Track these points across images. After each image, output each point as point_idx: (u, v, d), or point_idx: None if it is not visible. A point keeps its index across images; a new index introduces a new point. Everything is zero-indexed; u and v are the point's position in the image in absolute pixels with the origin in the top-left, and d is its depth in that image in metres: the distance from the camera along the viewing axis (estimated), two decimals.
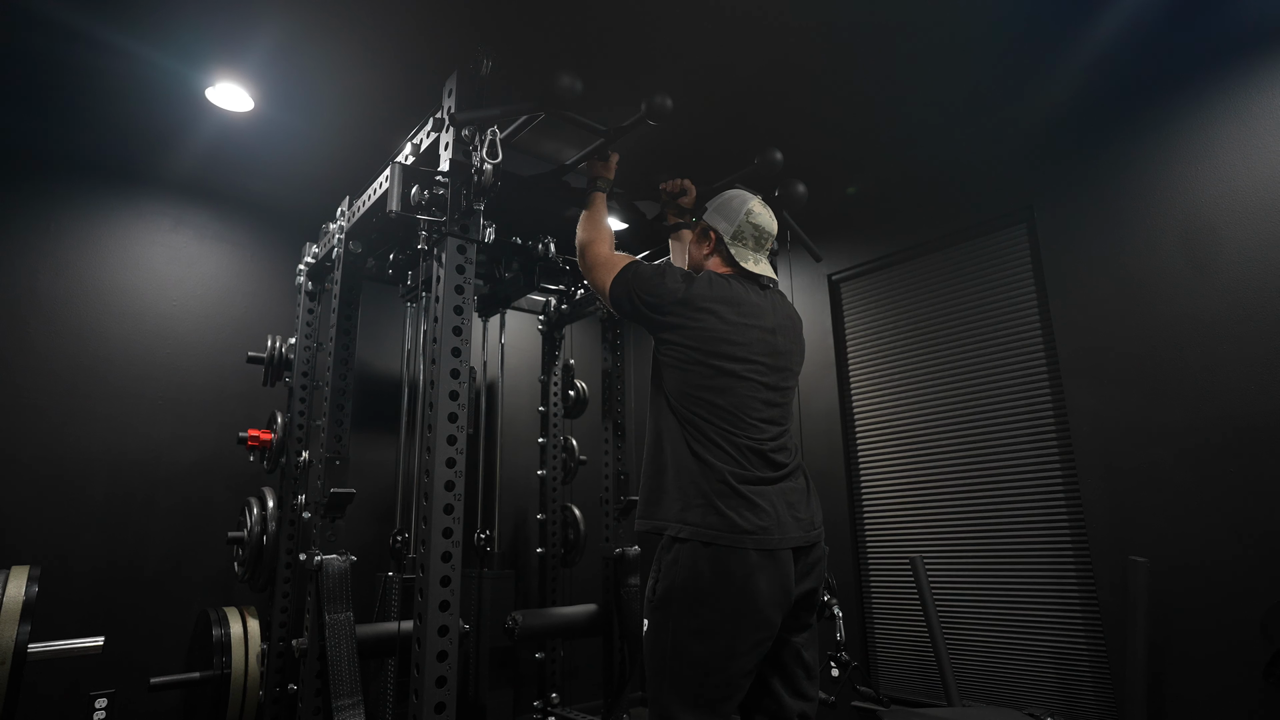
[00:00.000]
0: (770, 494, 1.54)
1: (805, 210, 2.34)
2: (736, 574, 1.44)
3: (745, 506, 1.49)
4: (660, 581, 1.51)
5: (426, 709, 1.47)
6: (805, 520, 1.60)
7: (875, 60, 2.53)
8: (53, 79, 2.55)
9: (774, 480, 1.57)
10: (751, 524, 1.48)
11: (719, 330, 1.61)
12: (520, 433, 3.83)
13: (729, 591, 1.44)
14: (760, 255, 1.79)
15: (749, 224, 1.77)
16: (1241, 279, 2.26)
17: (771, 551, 1.48)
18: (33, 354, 2.85)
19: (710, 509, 1.49)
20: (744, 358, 1.61)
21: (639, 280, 1.67)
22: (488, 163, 1.67)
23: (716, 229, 1.79)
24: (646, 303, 1.65)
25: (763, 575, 1.46)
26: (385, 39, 2.38)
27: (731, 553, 1.45)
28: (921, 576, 2.64)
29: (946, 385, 3.06)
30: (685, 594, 1.46)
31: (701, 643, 1.45)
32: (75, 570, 2.79)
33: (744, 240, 1.77)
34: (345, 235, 2.44)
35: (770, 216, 1.81)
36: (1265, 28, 2.28)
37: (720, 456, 1.54)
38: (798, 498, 1.61)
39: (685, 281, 1.65)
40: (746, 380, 1.60)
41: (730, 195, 1.84)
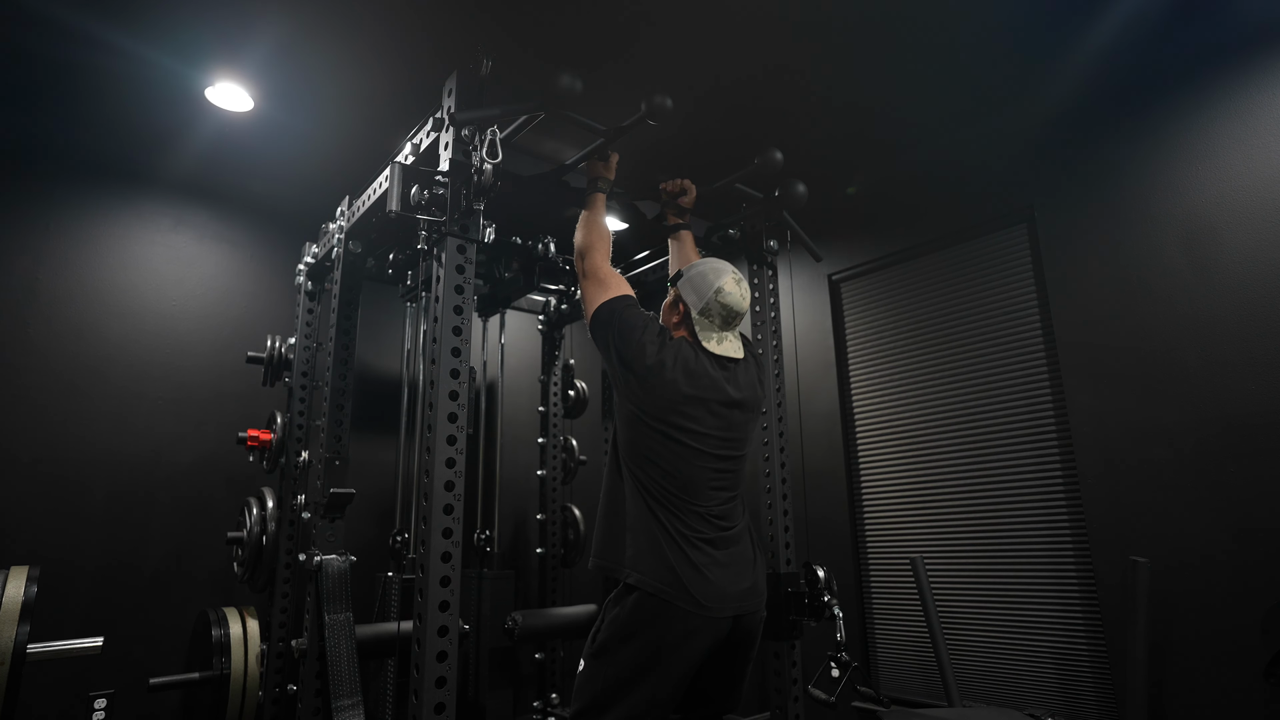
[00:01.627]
0: (717, 559, 1.60)
1: (805, 210, 2.35)
2: (670, 636, 1.51)
3: (691, 569, 1.54)
4: (602, 632, 1.59)
5: (426, 709, 1.47)
6: (749, 589, 1.64)
7: (875, 60, 2.53)
8: (53, 79, 2.54)
9: (721, 545, 1.62)
10: (696, 589, 1.53)
11: (675, 403, 1.62)
12: (520, 433, 3.82)
13: (662, 650, 1.51)
14: (726, 333, 1.75)
15: (717, 303, 1.71)
16: (1241, 279, 2.26)
17: (711, 620, 1.54)
18: (33, 354, 2.84)
19: (661, 564, 1.54)
20: (696, 430, 1.63)
21: (622, 329, 1.67)
22: (488, 163, 1.67)
23: (686, 301, 1.76)
24: (619, 355, 1.66)
25: (697, 642, 1.53)
26: (385, 39, 2.37)
27: (672, 611, 1.51)
28: (921, 576, 2.64)
29: (946, 385, 3.06)
30: (622, 648, 1.54)
31: (626, 695, 1.52)
32: (75, 570, 2.78)
33: (710, 317, 1.72)
34: (345, 235, 2.44)
35: (743, 294, 1.74)
36: (1265, 28, 2.28)
37: (670, 519, 1.59)
38: (743, 566, 1.65)
39: (657, 347, 1.65)
40: (697, 451, 1.63)
41: (704, 270, 1.77)
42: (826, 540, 3.32)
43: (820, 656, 2.24)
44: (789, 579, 2.14)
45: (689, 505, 1.61)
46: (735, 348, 1.76)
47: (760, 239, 2.39)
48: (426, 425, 1.66)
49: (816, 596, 2.07)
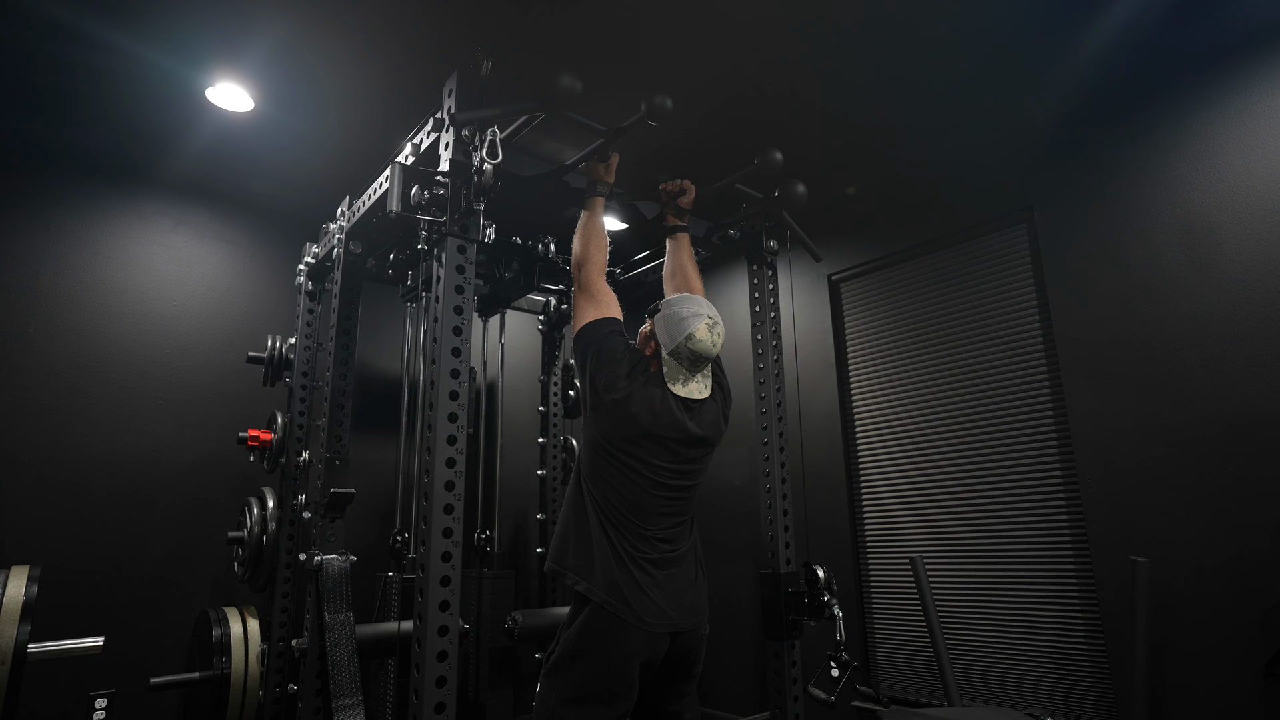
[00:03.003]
0: (658, 579, 1.68)
1: (805, 210, 2.35)
2: (616, 652, 1.62)
3: (634, 587, 1.64)
4: (555, 653, 1.69)
5: (426, 709, 1.47)
6: (688, 608, 1.72)
7: (875, 60, 2.53)
8: (53, 79, 2.54)
9: (663, 565, 1.70)
10: (639, 606, 1.63)
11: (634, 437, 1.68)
12: (520, 433, 3.82)
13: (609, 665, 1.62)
14: (695, 374, 1.77)
15: (686, 348, 1.73)
16: (1241, 279, 2.26)
17: (651, 636, 1.64)
18: (33, 354, 2.85)
19: (607, 578, 1.65)
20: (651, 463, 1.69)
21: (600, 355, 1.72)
22: (488, 163, 1.67)
23: (657, 339, 1.78)
24: (593, 379, 1.72)
25: (637, 656, 1.63)
26: (385, 39, 2.37)
27: (617, 625, 1.62)
28: (921, 576, 2.64)
29: (946, 385, 3.06)
30: (573, 666, 1.64)
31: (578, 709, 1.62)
32: (75, 570, 2.79)
33: (680, 360, 1.75)
34: (345, 235, 2.44)
35: (714, 340, 1.75)
36: (1265, 28, 2.28)
37: (619, 538, 1.68)
38: (683, 586, 1.73)
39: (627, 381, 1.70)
40: (651, 481, 1.70)
41: (681, 309, 1.77)
42: (826, 540, 3.33)
43: (820, 656, 2.24)
44: (789, 579, 2.14)
45: (637, 528, 1.69)
46: (701, 388, 1.78)
47: (760, 239, 2.39)
48: (427, 425, 1.66)
49: (816, 596, 2.07)
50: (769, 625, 2.13)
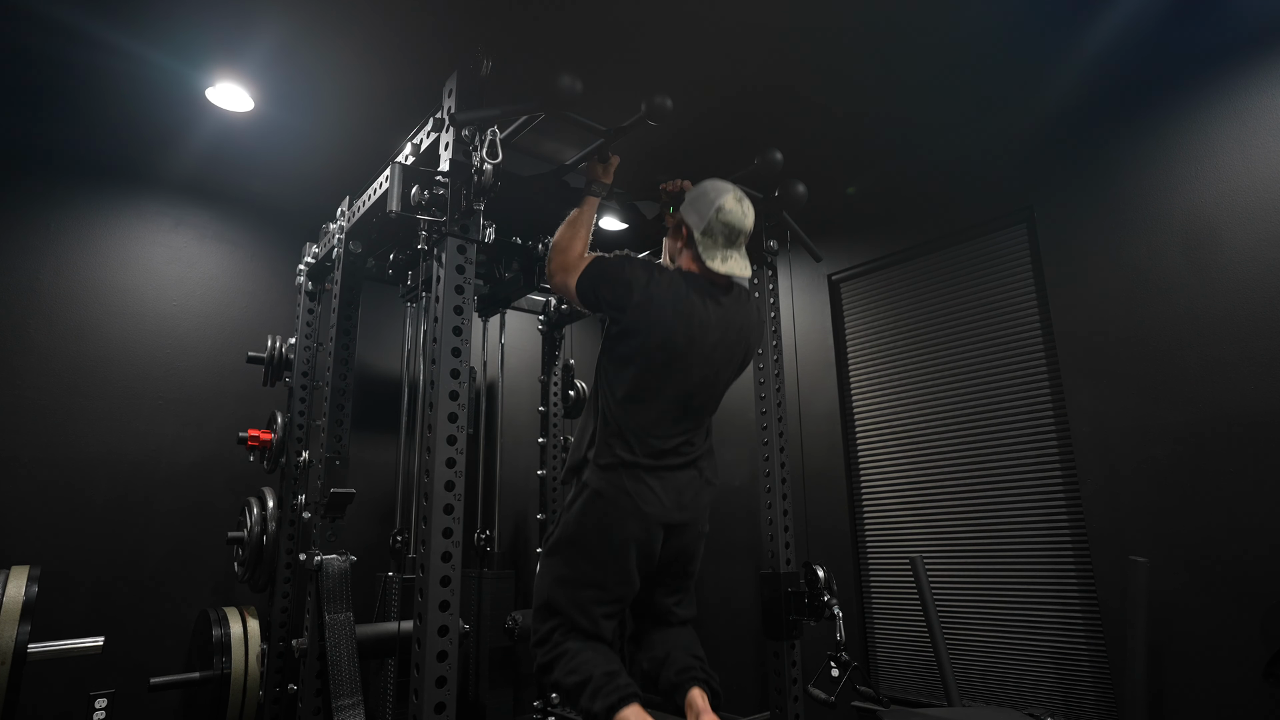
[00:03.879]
0: (664, 479, 1.71)
1: (805, 210, 2.35)
2: (614, 537, 1.66)
3: (637, 482, 1.67)
4: (554, 535, 1.74)
5: (426, 709, 1.47)
6: (686, 503, 1.74)
7: (875, 61, 2.53)
8: (53, 79, 2.54)
9: (670, 471, 1.73)
10: (638, 495, 1.67)
11: (659, 340, 1.68)
12: (520, 433, 3.82)
13: (606, 550, 1.67)
14: (731, 251, 1.77)
15: (719, 221, 1.73)
16: (1241, 279, 2.26)
17: (647, 524, 1.67)
18: (33, 354, 2.85)
19: (614, 477, 1.67)
20: (671, 370, 1.70)
21: (607, 275, 1.72)
22: (488, 163, 1.67)
23: (688, 223, 1.79)
24: (611, 300, 1.71)
25: (634, 543, 1.67)
26: (385, 39, 2.37)
27: (616, 509, 1.65)
28: (921, 576, 2.64)
29: (946, 385, 3.06)
30: (569, 547, 1.70)
31: (575, 586, 1.68)
32: (75, 570, 2.79)
33: (713, 236, 1.74)
34: (345, 235, 2.44)
35: (744, 211, 1.76)
36: (1264, 28, 2.28)
37: (632, 440, 1.70)
38: (686, 485, 1.75)
39: (645, 280, 1.69)
40: (670, 387, 1.71)
41: (705, 189, 1.79)
42: (826, 540, 3.33)
43: (820, 656, 2.24)
44: (789, 579, 2.14)
45: (650, 437, 1.70)
46: (741, 265, 1.77)
47: (760, 239, 2.39)
48: (426, 425, 1.66)
49: (816, 596, 2.07)
50: (769, 625, 2.13)
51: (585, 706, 1.56)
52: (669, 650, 1.78)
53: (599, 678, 1.57)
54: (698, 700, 1.65)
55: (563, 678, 1.62)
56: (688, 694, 1.67)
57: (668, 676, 1.74)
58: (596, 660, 1.62)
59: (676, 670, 1.73)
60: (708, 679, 1.72)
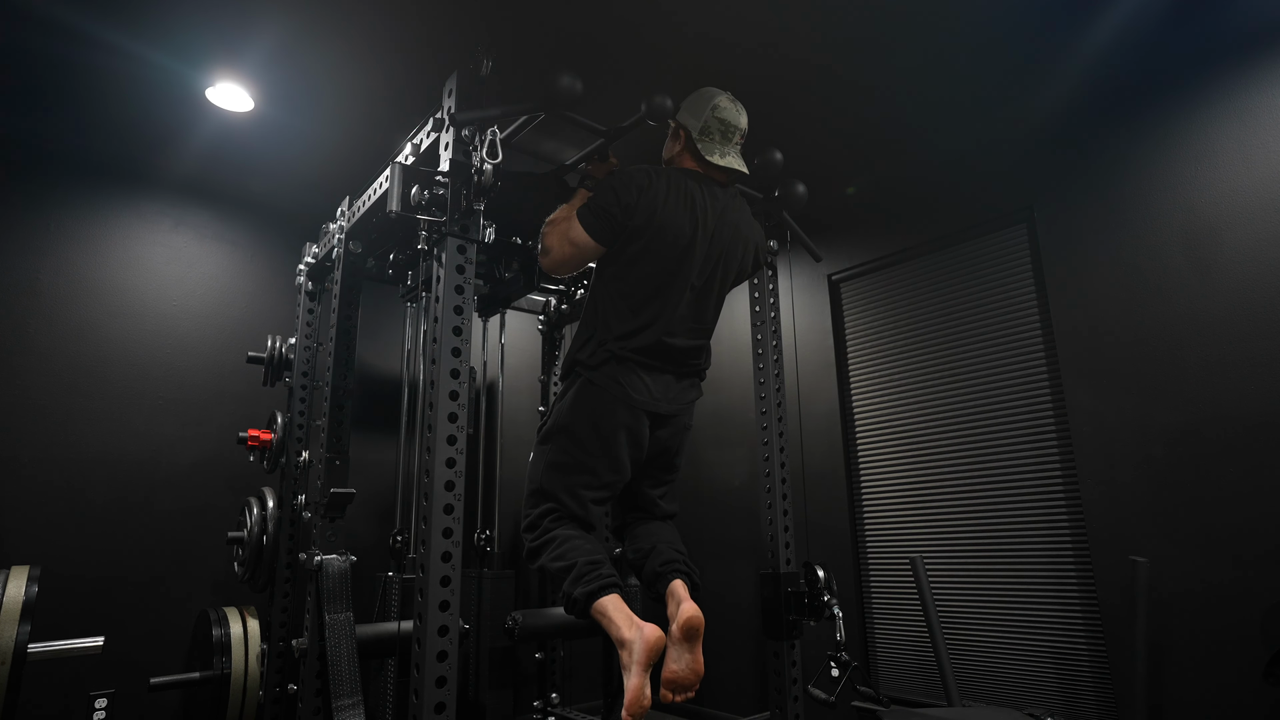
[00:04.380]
0: (656, 377, 1.81)
1: (805, 210, 2.35)
2: (604, 424, 1.75)
3: (629, 373, 1.76)
4: (548, 423, 1.83)
5: (426, 709, 1.47)
6: (673, 397, 1.84)
7: (875, 60, 2.53)
8: (53, 79, 2.54)
9: (663, 370, 1.82)
10: (628, 384, 1.75)
11: (667, 230, 1.75)
12: (520, 433, 3.82)
13: (596, 437, 1.75)
14: (727, 149, 1.86)
15: (715, 119, 1.84)
16: (1242, 279, 2.26)
17: (635, 412, 1.76)
18: (33, 354, 2.85)
19: (607, 363, 1.76)
20: (684, 260, 1.77)
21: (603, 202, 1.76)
22: (488, 163, 1.67)
23: (685, 126, 1.87)
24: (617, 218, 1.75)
25: (624, 430, 1.76)
26: (385, 39, 2.37)
27: (605, 395, 1.74)
28: (921, 576, 2.64)
29: (946, 385, 3.06)
30: (562, 432, 1.78)
31: (569, 469, 1.77)
32: (75, 570, 2.79)
33: (710, 135, 1.84)
34: (345, 235, 2.44)
35: (738, 110, 1.87)
36: (1265, 28, 2.28)
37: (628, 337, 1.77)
38: (673, 384, 1.85)
39: (644, 183, 1.76)
40: (679, 280, 1.78)
41: (699, 92, 1.90)
42: (826, 540, 3.32)
43: (820, 656, 2.24)
44: (789, 579, 2.14)
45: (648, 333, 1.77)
46: (740, 162, 1.88)
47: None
48: (426, 425, 1.66)
49: (816, 596, 2.07)
50: (769, 625, 2.13)
51: (568, 591, 1.63)
52: (654, 543, 1.85)
53: (583, 565, 1.63)
54: (679, 589, 1.71)
55: (549, 562, 1.69)
56: (670, 584, 1.73)
57: (651, 567, 1.80)
58: (582, 548, 1.68)
59: (660, 562, 1.79)
60: (689, 572, 1.78)
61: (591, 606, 1.58)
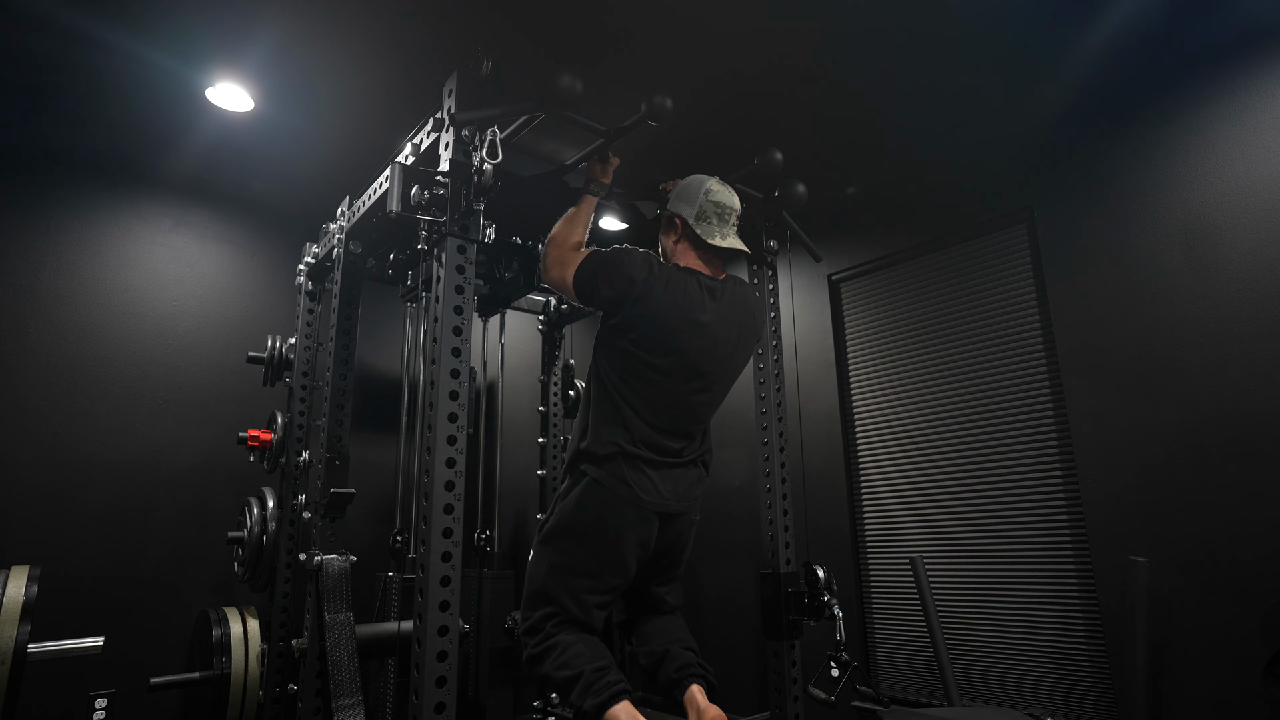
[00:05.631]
0: (663, 473, 1.74)
1: (805, 210, 2.34)
2: (611, 527, 1.68)
3: (637, 472, 1.70)
4: (549, 522, 1.76)
5: (426, 709, 1.47)
6: (682, 493, 1.78)
7: (875, 61, 2.53)
8: (53, 79, 2.54)
9: (668, 468, 1.76)
10: (636, 484, 1.69)
11: (659, 335, 1.71)
12: (520, 433, 3.82)
13: (602, 539, 1.68)
14: (726, 229, 1.85)
15: (710, 203, 1.83)
16: (1242, 279, 2.26)
17: (643, 513, 1.69)
18: (33, 354, 2.85)
19: (612, 461, 1.70)
20: (672, 366, 1.72)
21: (606, 267, 1.74)
22: (488, 163, 1.66)
23: (680, 214, 1.86)
24: (610, 294, 1.73)
25: (631, 532, 1.69)
26: (385, 39, 2.38)
27: (611, 497, 1.67)
28: (921, 576, 2.64)
29: (946, 385, 3.06)
30: (565, 535, 1.71)
31: (569, 574, 1.70)
32: (75, 570, 2.79)
33: (708, 219, 1.83)
34: (345, 235, 2.44)
35: (730, 192, 1.87)
36: (1265, 28, 2.28)
37: (632, 438, 1.71)
38: (682, 475, 1.79)
39: (644, 276, 1.72)
40: (669, 382, 1.73)
41: (688, 180, 1.90)
42: (826, 540, 3.32)
43: (820, 656, 2.24)
44: (789, 579, 2.14)
45: (648, 429, 1.73)
46: (739, 242, 1.86)
47: (760, 239, 2.39)
48: (426, 425, 1.66)
49: (816, 596, 2.07)
50: (769, 625, 2.13)
51: (576, 703, 1.58)
52: (667, 645, 1.81)
53: (590, 674, 1.58)
54: (698, 697, 1.68)
55: (553, 671, 1.64)
56: (687, 691, 1.69)
57: (667, 673, 1.76)
58: (587, 654, 1.63)
59: (676, 668, 1.75)
60: (705, 674, 1.75)
61: (602, 718, 1.53)
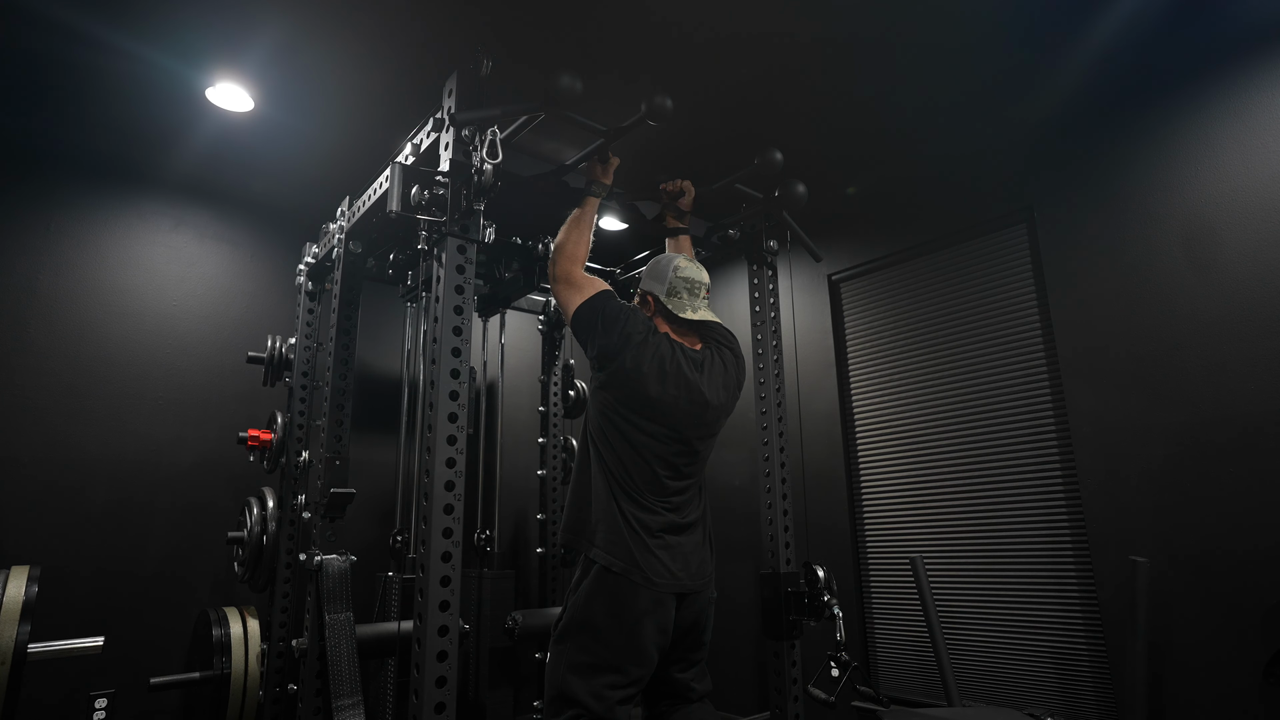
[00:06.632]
0: (668, 543, 1.71)
1: (805, 210, 2.35)
2: (627, 615, 1.63)
3: (644, 551, 1.66)
4: (564, 619, 1.71)
5: (426, 709, 1.47)
6: (694, 571, 1.74)
7: (875, 61, 2.53)
8: (53, 79, 2.54)
9: (673, 532, 1.73)
10: (647, 566, 1.65)
11: (647, 398, 1.71)
12: (520, 433, 3.82)
13: (618, 629, 1.63)
14: (697, 302, 1.86)
15: (679, 279, 1.85)
16: (1241, 279, 2.26)
17: (658, 596, 1.65)
18: (33, 354, 2.84)
19: (620, 546, 1.66)
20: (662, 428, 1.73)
21: (605, 323, 1.74)
22: (488, 163, 1.66)
23: (652, 292, 1.88)
24: (602, 349, 1.74)
25: (648, 618, 1.64)
26: (385, 39, 2.37)
27: (625, 585, 1.63)
28: (921, 576, 2.64)
29: (946, 385, 3.06)
30: (581, 631, 1.65)
31: (590, 673, 1.62)
32: (75, 570, 2.79)
33: (678, 294, 1.85)
34: (345, 235, 2.44)
35: (698, 268, 1.89)
36: (1265, 28, 2.28)
37: (630, 508, 1.70)
38: (691, 549, 1.75)
39: (641, 339, 1.72)
40: (661, 444, 1.73)
41: (655, 260, 1.94)
42: (826, 540, 3.33)
43: (820, 656, 2.24)
44: (789, 579, 2.14)
45: (646, 497, 1.71)
46: (709, 314, 1.88)
47: (760, 239, 2.39)
48: (426, 425, 1.66)
49: (816, 596, 2.07)
50: (769, 625, 2.13)
51: None
52: None
53: None
54: None
55: None
56: None
57: None
58: None
59: None
60: None
61: None
